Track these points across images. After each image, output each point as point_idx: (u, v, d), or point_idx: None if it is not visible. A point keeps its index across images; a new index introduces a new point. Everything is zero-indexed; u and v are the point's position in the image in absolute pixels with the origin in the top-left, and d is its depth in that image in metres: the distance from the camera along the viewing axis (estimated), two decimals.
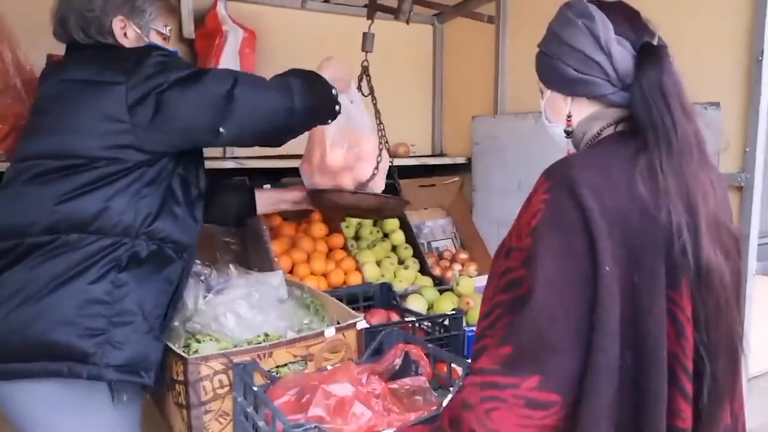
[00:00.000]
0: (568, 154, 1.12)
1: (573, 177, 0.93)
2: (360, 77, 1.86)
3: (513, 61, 2.54)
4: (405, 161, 2.61)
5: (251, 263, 2.10)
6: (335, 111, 1.57)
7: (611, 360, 0.88)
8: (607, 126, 1.05)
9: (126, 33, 1.46)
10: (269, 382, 1.35)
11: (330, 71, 1.61)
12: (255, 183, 2.00)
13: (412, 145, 2.76)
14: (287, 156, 2.24)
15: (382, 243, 2.49)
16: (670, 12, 1.72)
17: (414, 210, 2.68)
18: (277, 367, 1.43)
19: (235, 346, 1.44)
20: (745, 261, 1.59)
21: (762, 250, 1.70)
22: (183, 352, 1.39)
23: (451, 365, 1.42)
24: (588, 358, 0.88)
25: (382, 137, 1.87)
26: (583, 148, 1.09)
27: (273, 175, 2.27)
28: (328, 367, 1.40)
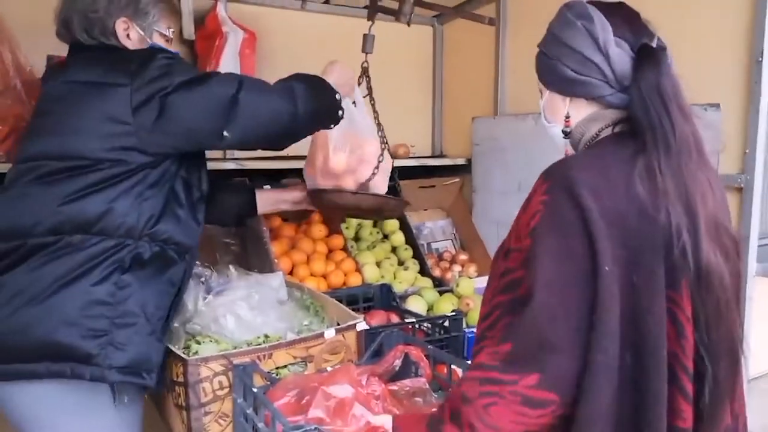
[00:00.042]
0: (565, 154, 1.12)
1: (571, 178, 0.93)
2: (360, 78, 1.86)
3: (513, 62, 2.54)
4: (405, 162, 2.61)
5: (251, 264, 2.10)
6: (338, 116, 1.58)
7: (610, 360, 0.89)
8: (606, 127, 1.05)
9: (129, 34, 1.46)
10: (269, 383, 1.35)
11: (334, 76, 1.61)
12: (255, 184, 2.00)
13: (412, 146, 2.76)
14: (287, 157, 2.24)
15: (382, 244, 2.48)
16: (669, 13, 1.73)
17: (414, 211, 2.68)
18: (277, 369, 1.43)
19: (235, 347, 1.44)
20: (745, 262, 1.59)
21: (762, 251, 1.70)
22: (183, 353, 1.39)
23: (451, 367, 1.42)
24: (587, 357, 0.88)
25: (382, 138, 1.87)
26: (582, 149, 1.09)
27: (273, 176, 2.28)
28: (328, 369, 1.40)
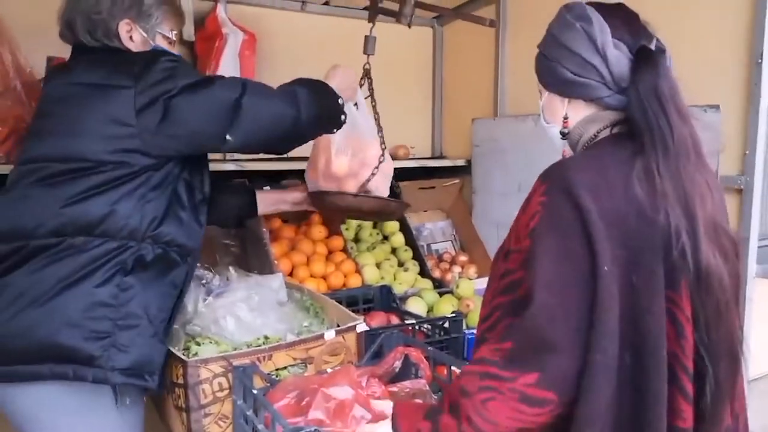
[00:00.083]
0: (563, 155, 1.12)
1: (570, 178, 0.93)
2: (361, 80, 1.86)
3: (513, 64, 2.54)
4: (405, 163, 2.61)
5: (251, 266, 2.10)
6: (341, 121, 1.58)
7: (610, 360, 0.89)
8: (604, 128, 1.05)
9: (132, 36, 1.46)
10: (269, 385, 1.35)
11: (336, 80, 1.61)
12: (254, 185, 2.00)
13: (411, 147, 2.76)
14: (286, 158, 2.20)
15: (381, 245, 2.48)
16: (669, 14, 1.73)
17: (414, 212, 2.67)
18: (277, 370, 1.43)
19: (235, 348, 1.44)
20: (745, 264, 1.59)
21: (762, 252, 1.69)
22: (182, 354, 1.39)
23: (451, 368, 1.42)
24: (586, 357, 0.88)
25: (381, 138, 1.87)
26: (580, 150, 1.09)
27: (272, 177, 2.28)
28: (327, 370, 1.40)
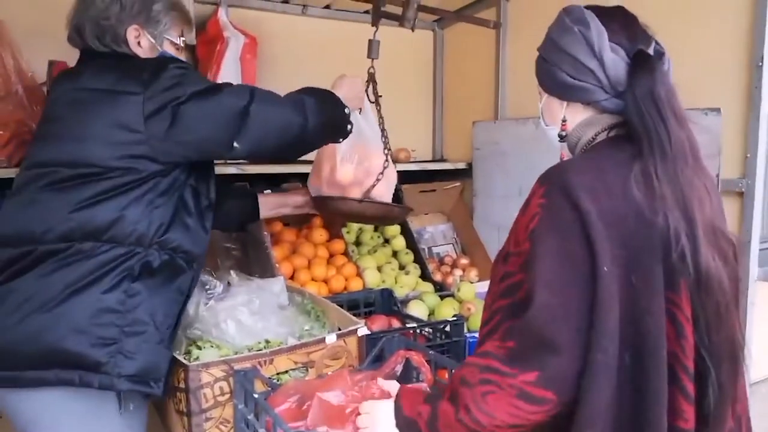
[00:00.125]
0: (561, 158, 1.12)
1: (569, 180, 0.94)
2: (366, 84, 1.86)
3: (513, 67, 2.54)
4: (406, 166, 2.62)
5: (252, 269, 2.10)
6: (347, 130, 1.59)
7: (610, 360, 0.89)
8: (602, 131, 1.06)
9: (140, 42, 1.46)
10: (270, 389, 1.35)
11: (344, 90, 1.62)
12: (256, 188, 2.00)
13: (412, 151, 2.77)
14: (287, 161, 2.24)
15: (382, 248, 2.48)
16: (670, 18, 1.73)
17: (415, 215, 2.67)
18: (278, 374, 1.43)
19: (236, 352, 1.44)
20: (747, 267, 1.59)
21: (763, 255, 1.69)
22: (183, 358, 1.39)
23: (453, 372, 1.42)
24: (587, 357, 0.88)
25: (386, 143, 1.87)
26: (579, 152, 1.09)
27: (273, 181, 2.28)
28: (329, 374, 1.40)
